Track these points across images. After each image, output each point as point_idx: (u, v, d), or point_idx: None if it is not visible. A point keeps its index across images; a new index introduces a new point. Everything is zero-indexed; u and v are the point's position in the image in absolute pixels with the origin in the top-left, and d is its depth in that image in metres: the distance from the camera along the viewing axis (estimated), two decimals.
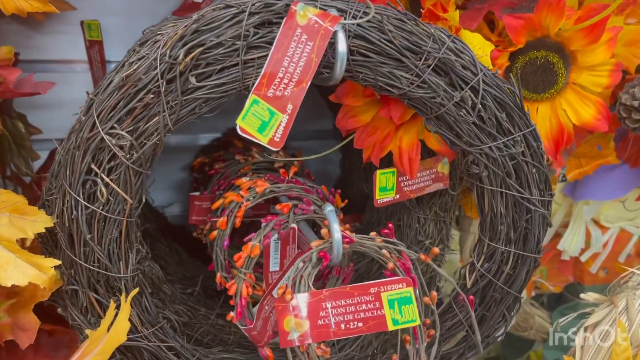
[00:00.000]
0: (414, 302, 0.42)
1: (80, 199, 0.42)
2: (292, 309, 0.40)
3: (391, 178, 0.51)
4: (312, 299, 0.41)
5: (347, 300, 0.41)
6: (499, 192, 0.46)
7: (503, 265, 0.49)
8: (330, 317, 0.40)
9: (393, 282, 0.42)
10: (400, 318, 0.41)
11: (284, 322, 0.40)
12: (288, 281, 0.42)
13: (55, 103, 0.66)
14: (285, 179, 0.59)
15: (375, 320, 0.41)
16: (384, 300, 0.41)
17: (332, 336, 0.40)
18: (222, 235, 0.56)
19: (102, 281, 0.45)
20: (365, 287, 0.41)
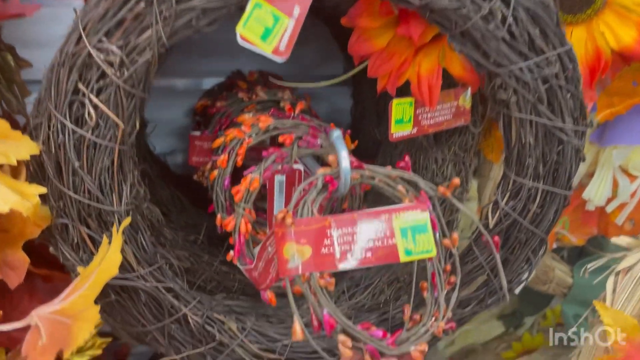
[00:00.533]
0: (430, 231, 0.38)
1: (67, 122, 0.38)
2: (293, 235, 0.37)
3: (408, 109, 0.47)
4: (315, 225, 0.37)
5: (354, 228, 0.37)
6: (528, 120, 0.42)
7: (530, 203, 0.44)
8: (335, 245, 0.37)
9: (406, 208, 0.38)
10: (414, 248, 0.37)
11: (283, 249, 0.37)
12: (290, 206, 0.38)
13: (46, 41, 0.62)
14: (290, 116, 0.55)
15: (386, 250, 0.37)
16: (396, 228, 0.37)
17: (337, 267, 0.36)
18: (222, 174, 0.52)
19: (93, 215, 0.41)
20: (375, 213, 0.37)
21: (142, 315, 0.45)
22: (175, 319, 0.46)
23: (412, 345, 0.38)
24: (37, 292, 0.54)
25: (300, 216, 0.38)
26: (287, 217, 0.37)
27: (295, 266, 0.36)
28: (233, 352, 0.48)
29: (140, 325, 0.45)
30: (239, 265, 0.48)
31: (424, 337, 0.38)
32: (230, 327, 0.48)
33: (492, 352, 0.84)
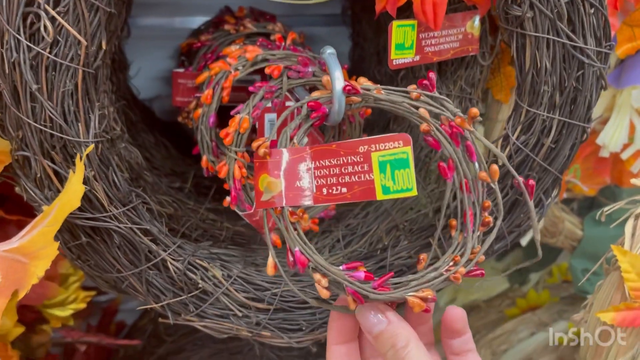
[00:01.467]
0: (411, 167, 0.33)
1: (21, 38, 0.34)
2: (268, 166, 0.32)
3: (410, 33, 0.42)
4: (291, 156, 0.33)
5: (332, 161, 0.33)
6: (545, 40, 0.37)
7: (544, 137, 0.40)
8: (311, 179, 0.32)
9: (386, 139, 0.33)
10: (392, 185, 0.33)
11: (259, 180, 0.33)
12: (270, 136, 0.33)
13: None
14: (281, 46, 0.50)
15: (363, 186, 0.33)
16: (374, 161, 0.33)
17: (312, 202, 0.32)
18: (207, 112, 0.48)
19: (57, 147, 0.37)
20: (354, 144, 0.33)
21: (116, 259, 0.41)
22: (153, 264, 0.42)
23: (411, 290, 0.34)
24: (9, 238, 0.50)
25: (279, 147, 0.34)
26: (261, 147, 0.33)
27: (268, 199, 0.32)
28: (217, 300, 0.44)
29: (116, 271, 0.42)
30: (237, 211, 0.44)
31: (433, 283, 0.34)
32: (214, 274, 0.44)
33: (495, 309, 0.81)
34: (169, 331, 0.70)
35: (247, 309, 0.45)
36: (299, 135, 0.34)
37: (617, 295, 0.42)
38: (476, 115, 0.35)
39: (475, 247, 0.36)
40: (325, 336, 0.47)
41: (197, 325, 0.45)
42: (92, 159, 0.38)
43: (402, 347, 0.32)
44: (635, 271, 0.41)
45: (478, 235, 0.36)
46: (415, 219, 0.52)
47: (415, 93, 0.36)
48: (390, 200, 0.54)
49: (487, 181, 0.36)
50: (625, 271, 0.41)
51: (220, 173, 0.46)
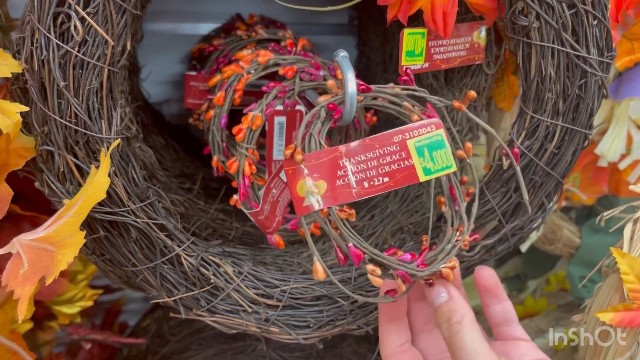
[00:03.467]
0: (447, 146, 0.35)
1: (51, 37, 0.35)
2: (305, 171, 0.34)
3: (420, 40, 0.44)
4: (326, 157, 0.34)
5: (368, 155, 0.34)
6: (550, 49, 0.39)
7: (547, 142, 0.42)
8: (349, 175, 0.34)
9: (419, 126, 0.35)
10: (432, 166, 0.35)
11: (297, 187, 0.34)
12: (296, 142, 0.35)
13: None
14: (292, 51, 0.52)
15: (404, 172, 0.34)
16: (411, 148, 0.35)
17: (355, 197, 0.34)
18: (219, 113, 0.49)
19: (81, 142, 0.38)
20: (388, 136, 0.35)
21: (132, 253, 0.42)
22: (167, 259, 0.43)
23: (442, 263, 0.36)
24: None
25: (309, 150, 0.35)
26: (296, 154, 0.34)
27: (312, 203, 0.33)
28: (228, 296, 0.45)
29: (131, 265, 0.43)
30: (243, 209, 0.46)
31: (452, 253, 0.36)
32: (226, 270, 0.45)
33: None
34: (172, 331, 0.71)
35: (256, 305, 0.46)
36: (321, 136, 0.36)
37: (616, 297, 0.44)
38: (473, 97, 0.38)
39: (465, 217, 0.38)
40: (331, 333, 0.48)
41: (208, 320, 0.46)
42: (114, 155, 0.39)
43: (456, 322, 0.34)
44: (634, 273, 0.43)
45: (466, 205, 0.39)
46: (420, 222, 0.54)
47: (402, 90, 0.38)
48: (396, 203, 0.55)
49: (464, 158, 0.39)
50: (624, 273, 0.43)
51: (231, 169, 0.47)
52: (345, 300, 0.46)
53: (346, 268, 0.48)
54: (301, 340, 0.46)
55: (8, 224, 0.52)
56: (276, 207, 0.48)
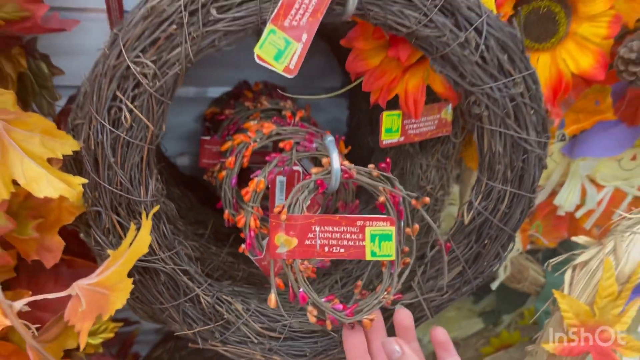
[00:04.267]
0: (393, 240, 0.47)
1: (105, 124, 0.45)
2: (284, 227, 0.44)
3: (397, 120, 0.54)
4: (303, 221, 0.44)
5: (334, 228, 0.45)
6: (497, 131, 0.49)
7: (499, 203, 0.52)
8: (317, 239, 0.45)
9: (378, 219, 0.46)
10: (378, 251, 0.47)
11: (275, 237, 0.45)
12: (285, 203, 0.45)
13: (72, 50, 0.68)
14: (291, 123, 0.62)
15: (356, 249, 0.46)
16: (367, 233, 0.46)
17: (315, 255, 0.45)
18: (230, 174, 0.59)
19: (123, 204, 0.48)
20: (353, 219, 0.46)
21: (160, 294, 0.51)
22: (189, 298, 0.52)
23: (365, 315, 0.48)
24: (61, 276, 0.60)
25: (292, 212, 0.46)
26: (282, 213, 0.45)
27: (282, 252, 0.44)
28: (238, 329, 0.54)
29: (159, 303, 0.52)
30: (250, 256, 0.55)
31: (374, 307, 0.49)
32: (236, 307, 0.54)
33: (472, 347, 0.91)
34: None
35: (262, 337, 0.55)
36: (305, 203, 0.46)
37: (560, 330, 0.53)
38: (427, 202, 0.50)
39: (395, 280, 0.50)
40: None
41: (221, 350, 0.54)
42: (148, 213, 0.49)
43: None
44: (572, 311, 0.52)
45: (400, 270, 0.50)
46: None
47: (375, 172, 0.49)
48: None
49: (411, 234, 0.50)
50: (565, 311, 0.52)
51: (239, 223, 0.57)
52: (336, 333, 0.55)
53: None
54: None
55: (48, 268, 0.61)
56: None
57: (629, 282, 0.52)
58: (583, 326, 0.51)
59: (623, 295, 0.52)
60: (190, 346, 0.56)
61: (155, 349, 0.86)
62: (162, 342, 0.86)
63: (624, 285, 0.52)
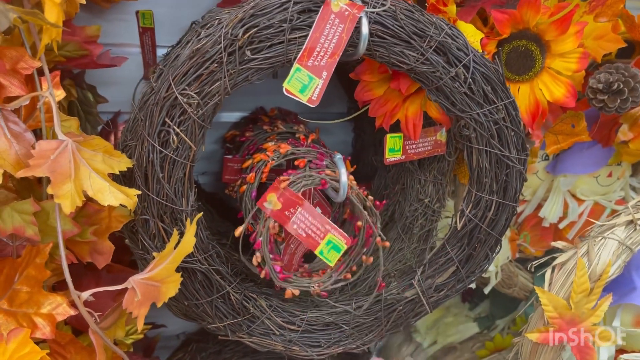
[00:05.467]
0: (340, 253, 0.58)
1: (156, 145, 0.54)
2: (279, 192, 0.55)
3: (398, 141, 0.63)
4: (293, 197, 0.55)
5: (309, 217, 0.56)
6: (484, 150, 0.58)
7: (487, 211, 0.60)
8: (294, 216, 0.56)
9: (341, 234, 0.57)
10: (325, 253, 0.58)
11: (269, 194, 0.56)
12: (291, 178, 0.57)
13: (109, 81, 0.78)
14: (304, 144, 0.71)
15: (312, 241, 0.57)
16: (327, 237, 0.57)
17: (284, 224, 0.57)
18: (250, 188, 0.67)
19: (168, 213, 0.56)
20: (325, 221, 0.57)
21: (197, 291, 0.59)
22: (220, 294, 0.60)
23: (290, 287, 0.60)
24: (101, 280, 0.68)
25: (291, 187, 0.57)
26: (284, 183, 0.56)
27: (267, 207, 0.56)
28: (262, 323, 0.62)
29: (195, 299, 0.60)
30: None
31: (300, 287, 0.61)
32: (261, 303, 0.63)
33: (468, 350, 0.98)
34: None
35: (282, 329, 0.63)
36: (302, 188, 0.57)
37: (541, 322, 0.61)
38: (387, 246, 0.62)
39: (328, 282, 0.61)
40: (336, 351, 0.65)
41: (247, 341, 0.63)
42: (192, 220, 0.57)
43: None
44: (552, 305, 0.60)
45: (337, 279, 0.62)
46: (403, 269, 0.71)
47: (369, 203, 0.60)
48: (385, 255, 0.73)
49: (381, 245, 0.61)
50: (545, 304, 0.60)
51: None
52: (347, 326, 0.64)
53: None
54: (315, 357, 0.63)
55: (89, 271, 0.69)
56: (293, 258, 0.66)
57: (600, 280, 0.60)
58: (561, 318, 0.60)
59: (595, 291, 0.60)
60: (220, 338, 0.64)
61: (177, 352, 0.94)
62: (183, 345, 0.93)
63: (595, 282, 0.61)
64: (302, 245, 0.66)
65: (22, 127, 0.49)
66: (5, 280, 0.52)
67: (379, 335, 0.64)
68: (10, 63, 0.49)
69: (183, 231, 0.56)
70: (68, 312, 0.53)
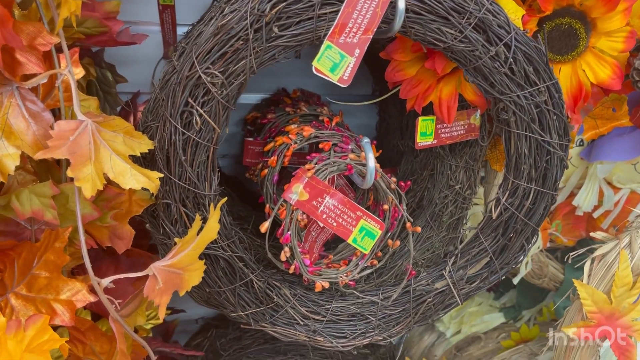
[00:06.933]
0: (375, 239, 0.55)
1: (178, 126, 0.51)
2: (305, 181, 0.53)
3: (431, 125, 0.60)
4: (321, 186, 0.53)
5: (339, 205, 0.53)
6: (523, 135, 0.55)
7: (524, 200, 0.57)
8: (322, 205, 0.53)
9: (374, 219, 0.54)
10: (359, 241, 0.55)
11: (294, 184, 0.54)
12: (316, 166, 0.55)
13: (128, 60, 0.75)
14: (328, 127, 0.68)
15: (345, 229, 0.54)
16: (359, 224, 0.54)
17: (313, 215, 0.54)
18: (272, 172, 0.65)
19: (190, 197, 0.54)
20: (356, 208, 0.54)
21: (219, 278, 0.57)
22: (243, 282, 0.58)
23: (320, 280, 0.58)
24: (120, 264, 0.66)
25: (317, 175, 0.55)
26: (309, 171, 0.54)
27: (292, 198, 0.54)
28: (286, 312, 0.60)
29: (217, 287, 0.58)
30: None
31: (329, 279, 0.58)
32: (285, 292, 0.60)
33: (493, 341, 0.96)
34: (224, 347, 0.85)
35: (306, 319, 0.61)
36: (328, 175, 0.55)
37: (579, 316, 0.58)
38: (418, 231, 0.60)
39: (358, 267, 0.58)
40: (362, 343, 0.62)
41: (270, 330, 0.61)
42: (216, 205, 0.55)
43: None
44: (591, 299, 0.57)
45: (365, 266, 0.59)
46: (431, 258, 0.69)
47: (394, 185, 0.57)
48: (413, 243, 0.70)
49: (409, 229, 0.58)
50: (584, 298, 0.57)
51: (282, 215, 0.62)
52: (374, 317, 0.61)
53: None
54: (340, 348, 0.61)
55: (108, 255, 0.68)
56: (314, 245, 0.64)
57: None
58: (600, 313, 0.57)
59: (638, 285, 0.57)
60: (242, 326, 0.62)
61: (195, 337, 0.93)
62: (202, 330, 0.92)
63: (638, 276, 0.57)
64: (325, 232, 0.64)
65: (41, 106, 0.47)
66: (23, 264, 0.51)
67: (407, 327, 0.62)
68: (28, 39, 0.46)
69: (206, 216, 0.54)
70: (88, 298, 0.51)
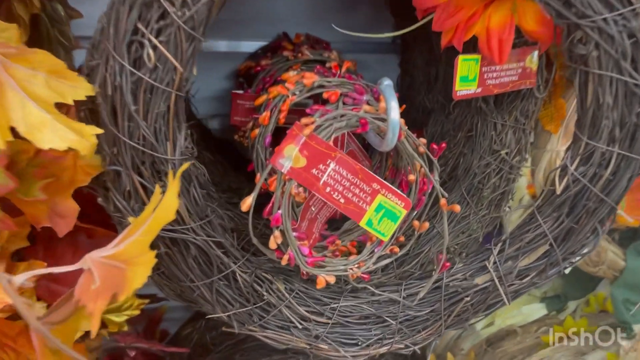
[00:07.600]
0: (398, 223, 0.40)
1: (124, 63, 0.37)
2: (301, 142, 0.38)
3: (474, 67, 0.44)
4: (324, 148, 0.38)
5: (348, 174, 0.38)
6: (608, 77, 0.39)
7: (602, 169, 0.42)
8: (325, 174, 0.38)
9: (397, 195, 0.39)
10: (375, 224, 0.40)
11: (287, 145, 0.39)
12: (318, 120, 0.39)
13: None
14: (337, 74, 0.53)
15: (356, 208, 0.39)
16: (376, 200, 0.39)
17: (313, 189, 0.39)
18: (264, 132, 0.50)
19: (147, 163, 0.40)
20: (372, 178, 0.39)
21: (191, 270, 0.44)
22: (223, 275, 0.44)
23: (323, 273, 0.43)
24: (80, 246, 0.53)
25: (318, 134, 0.39)
26: (308, 128, 0.39)
27: (284, 165, 0.38)
28: (280, 312, 0.46)
29: (189, 281, 0.44)
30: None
31: (337, 272, 0.43)
32: (278, 287, 0.46)
33: (531, 335, 0.82)
34: (214, 341, 0.72)
35: (307, 321, 0.47)
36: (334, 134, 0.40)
37: None
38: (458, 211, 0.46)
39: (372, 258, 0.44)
40: (379, 352, 0.49)
41: (259, 335, 0.47)
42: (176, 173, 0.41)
43: None
44: None
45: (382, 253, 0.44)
46: (466, 243, 0.54)
47: (422, 148, 0.42)
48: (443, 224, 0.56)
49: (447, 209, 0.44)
50: None
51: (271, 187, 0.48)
52: (394, 319, 0.47)
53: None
54: (349, 358, 0.47)
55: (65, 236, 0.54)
56: (314, 224, 0.49)
57: None
58: None
59: None
60: (223, 330, 0.48)
61: (184, 327, 0.80)
62: (191, 320, 0.79)
63: None
64: (328, 206, 0.49)
65: None
66: None
67: (436, 332, 0.48)
68: None
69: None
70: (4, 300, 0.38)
